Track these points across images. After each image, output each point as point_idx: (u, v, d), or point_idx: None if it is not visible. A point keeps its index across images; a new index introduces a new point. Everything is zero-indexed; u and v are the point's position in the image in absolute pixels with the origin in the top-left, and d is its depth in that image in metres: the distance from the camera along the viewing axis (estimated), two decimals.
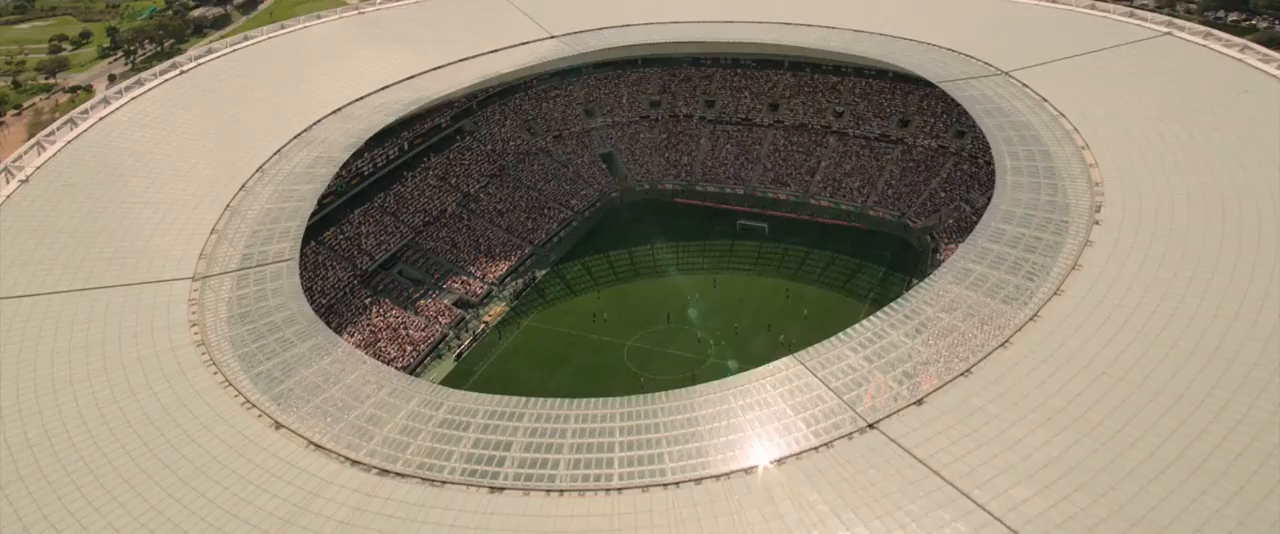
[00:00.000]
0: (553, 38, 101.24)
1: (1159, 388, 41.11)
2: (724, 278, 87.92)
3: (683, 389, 47.14)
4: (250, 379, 50.61)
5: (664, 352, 77.57)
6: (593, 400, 46.78)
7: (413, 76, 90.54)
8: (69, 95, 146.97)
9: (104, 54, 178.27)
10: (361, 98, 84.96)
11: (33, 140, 74.40)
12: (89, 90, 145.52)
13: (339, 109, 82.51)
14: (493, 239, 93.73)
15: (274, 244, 63.32)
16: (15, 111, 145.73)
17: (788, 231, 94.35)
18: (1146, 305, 47.04)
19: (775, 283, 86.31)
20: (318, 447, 45.31)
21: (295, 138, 77.34)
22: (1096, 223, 55.48)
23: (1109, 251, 52.63)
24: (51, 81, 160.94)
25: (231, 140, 76.66)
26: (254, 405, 48.23)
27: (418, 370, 77.20)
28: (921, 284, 54.33)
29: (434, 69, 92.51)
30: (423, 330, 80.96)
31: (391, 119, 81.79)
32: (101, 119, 76.95)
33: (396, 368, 75.65)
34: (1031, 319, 48.12)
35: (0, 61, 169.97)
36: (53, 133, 75.25)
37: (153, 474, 43.60)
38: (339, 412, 47.90)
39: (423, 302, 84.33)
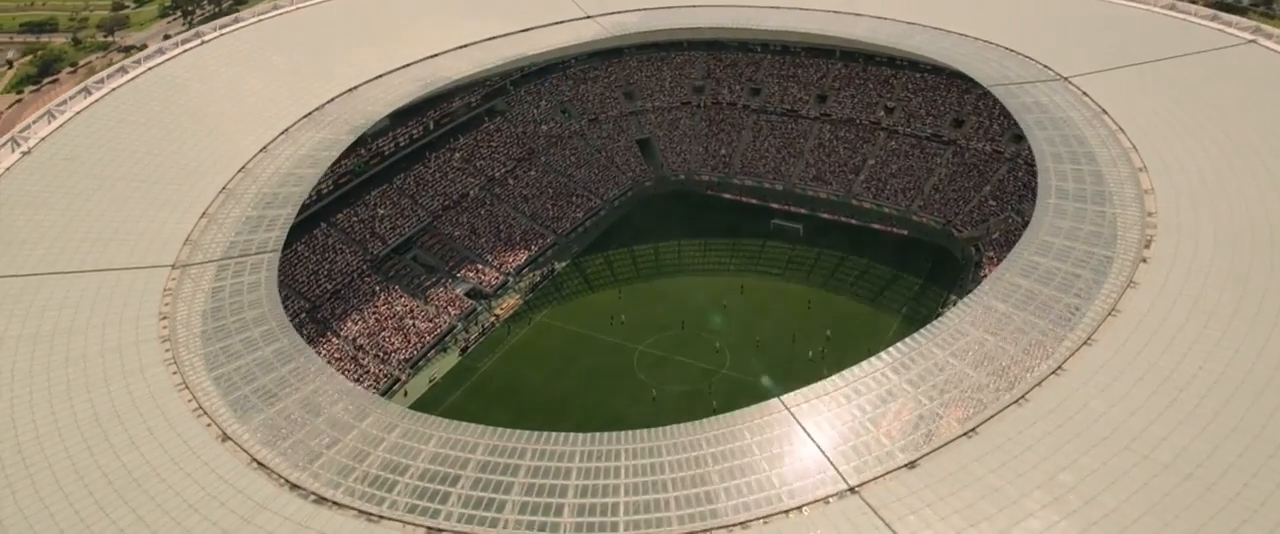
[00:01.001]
0: (589, 18, 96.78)
1: (1188, 471, 35.56)
2: (751, 282, 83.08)
3: (649, 430, 43.04)
4: (210, 381, 48.15)
5: (678, 360, 73.34)
6: (552, 435, 43.16)
7: (437, 54, 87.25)
8: (123, 54, 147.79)
9: (164, 13, 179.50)
10: (380, 76, 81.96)
11: (44, 109, 73.19)
12: (144, 50, 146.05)
13: (354, 88, 79.67)
14: (515, 226, 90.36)
15: (262, 233, 60.80)
16: (71, 69, 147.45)
17: (823, 234, 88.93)
18: (1188, 366, 41.19)
19: (804, 292, 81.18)
20: (260, 465, 42.47)
21: (305, 117, 74.71)
22: (1144, 261, 49.38)
23: (1154, 296, 46.63)
24: (110, 39, 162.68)
25: (240, 117, 74.39)
26: (205, 412, 45.63)
27: (420, 363, 74.56)
28: (936, 322, 49.07)
29: (459, 47, 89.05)
30: (430, 321, 78.13)
31: (404, 102, 78.87)
32: (114, 90, 75.39)
33: (398, 359, 73.37)
34: (1054, 372, 42.67)
35: (63, 17, 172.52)
36: (65, 101, 73.99)
37: (89, 482, 41.30)
38: (289, 426, 45.02)
39: (434, 290, 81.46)
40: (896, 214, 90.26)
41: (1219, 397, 38.96)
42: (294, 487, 41.15)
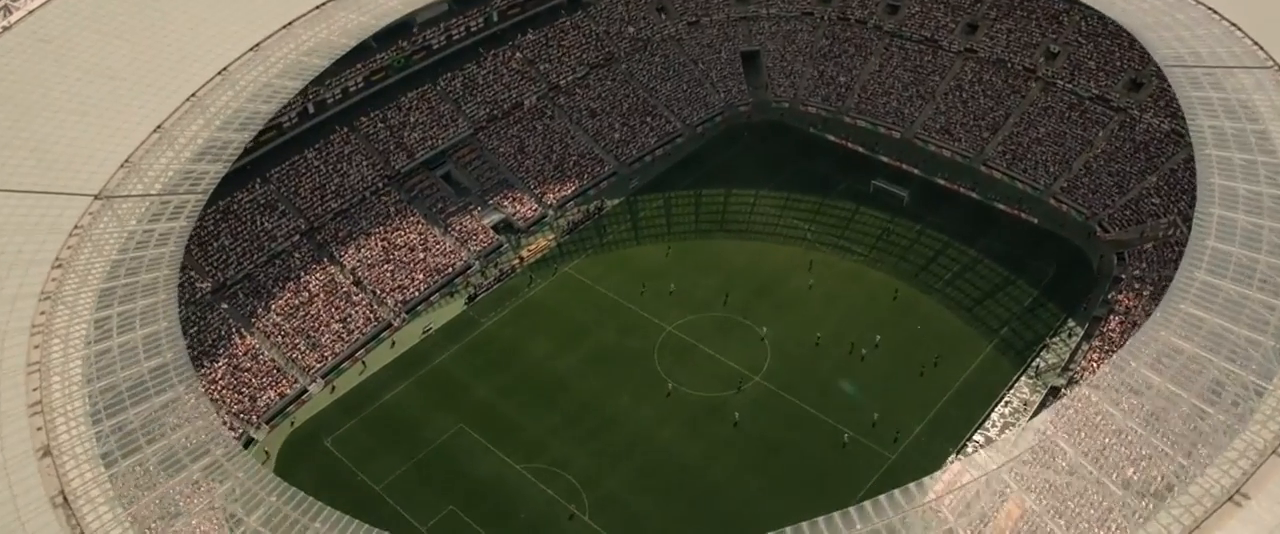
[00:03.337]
0: None
1: None
2: (827, 259, 68.62)
3: None
4: (76, 363, 40.53)
5: (707, 352, 61.35)
6: None
7: None
8: None
9: None
10: None
11: None
12: None
13: None
14: (571, 147, 78.42)
15: (205, 164, 51.79)
16: None
17: (933, 206, 72.51)
18: None
19: (889, 283, 66.13)
20: (64, 502, 34.80)
21: (317, 8, 64.04)
22: None
23: None
24: None
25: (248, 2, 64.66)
26: (40, 410, 38.16)
27: (420, 308, 65.93)
28: (978, 455, 34.93)
29: None
30: (445, 256, 68.84)
31: None
32: None
33: (397, 301, 65.48)
34: None
35: None
36: None
37: None
38: (120, 450, 37.12)
39: (458, 217, 71.66)
40: (1031, 193, 72.41)
41: None
42: None
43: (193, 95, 56.33)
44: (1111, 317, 59.27)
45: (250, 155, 66.49)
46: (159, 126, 53.97)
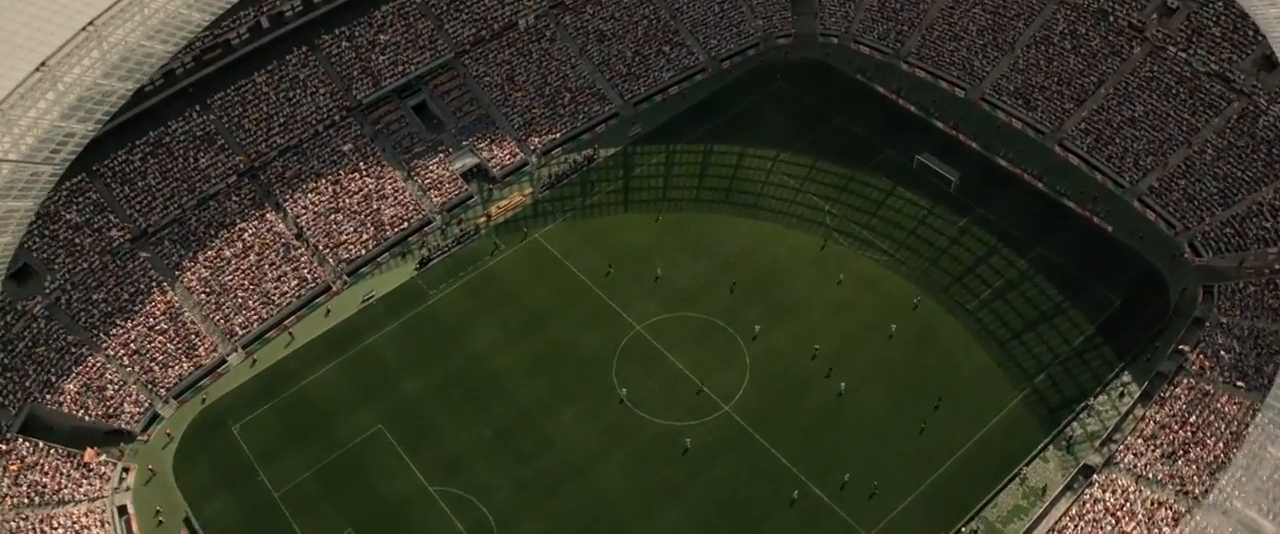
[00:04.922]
0: None
1: None
2: (841, 255, 57.46)
3: None
4: None
5: (674, 365, 52.20)
6: None
7: None
8: None
9: None
10: None
11: None
12: None
13: None
14: (569, 78, 67.49)
15: (76, 122, 43.54)
16: None
17: (987, 194, 59.95)
18: None
19: (909, 292, 55.06)
20: None
21: None
22: None
23: None
24: None
25: None
26: None
27: (364, 270, 58.38)
28: None
29: None
30: (403, 206, 60.44)
31: None
32: None
33: (341, 258, 57.94)
34: None
35: None
36: None
37: None
38: None
39: (424, 160, 62.67)
40: (1112, 190, 59.05)
41: None
42: None
43: (91, 23, 47.31)
44: (1180, 377, 47.73)
45: (190, 77, 58.35)
46: (43, 63, 45.55)
